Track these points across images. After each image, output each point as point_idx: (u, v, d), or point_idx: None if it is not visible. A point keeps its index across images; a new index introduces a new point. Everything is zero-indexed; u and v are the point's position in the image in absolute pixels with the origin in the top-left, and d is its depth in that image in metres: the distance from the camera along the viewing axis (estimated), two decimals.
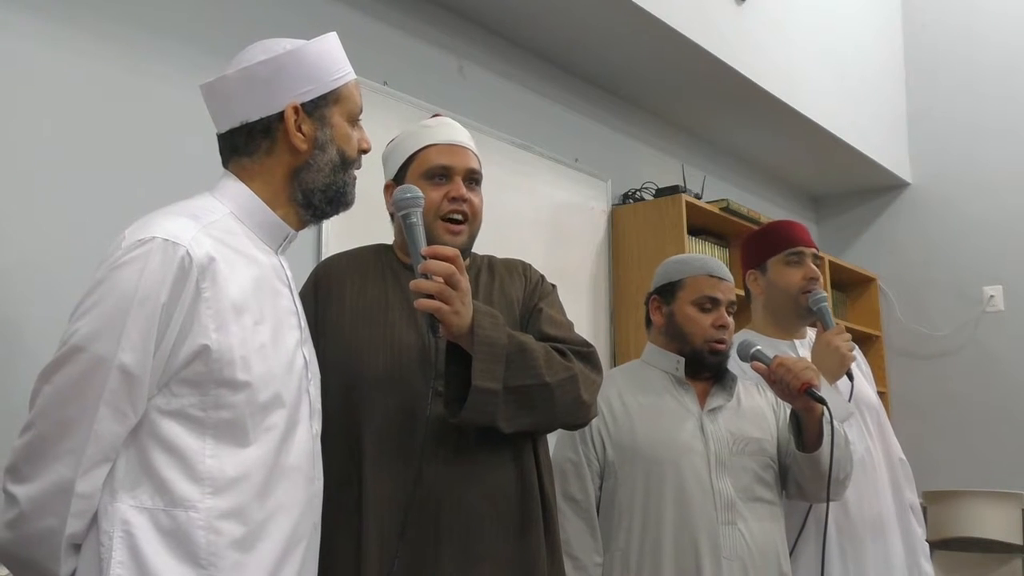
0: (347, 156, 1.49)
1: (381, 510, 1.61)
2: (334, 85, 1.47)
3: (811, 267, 2.36)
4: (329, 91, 1.46)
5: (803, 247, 2.38)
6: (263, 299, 1.40)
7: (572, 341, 1.74)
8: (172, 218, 1.34)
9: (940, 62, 5.14)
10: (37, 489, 1.26)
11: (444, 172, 1.76)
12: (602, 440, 2.07)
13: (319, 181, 1.46)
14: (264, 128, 1.43)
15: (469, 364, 1.57)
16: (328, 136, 1.46)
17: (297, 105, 1.43)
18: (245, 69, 1.43)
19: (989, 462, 4.67)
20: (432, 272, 1.51)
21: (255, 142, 1.44)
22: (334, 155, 1.46)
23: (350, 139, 1.49)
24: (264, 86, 1.42)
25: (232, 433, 1.31)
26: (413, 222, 1.58)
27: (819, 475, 2.02)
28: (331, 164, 1.46)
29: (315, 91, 1.44)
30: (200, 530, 1.27)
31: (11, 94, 2.05)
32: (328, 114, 1.46)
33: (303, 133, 1.43)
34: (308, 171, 1.45)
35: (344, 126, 1.48)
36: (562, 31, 3.39)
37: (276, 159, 1.44)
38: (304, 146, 1.44)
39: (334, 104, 1.47)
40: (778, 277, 2.38)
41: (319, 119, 1.45)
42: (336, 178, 1.47)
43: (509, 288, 1.82)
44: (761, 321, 2.42)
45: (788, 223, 2.50)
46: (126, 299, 1.26)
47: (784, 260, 2.38)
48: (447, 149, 1.78)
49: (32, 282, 1.99)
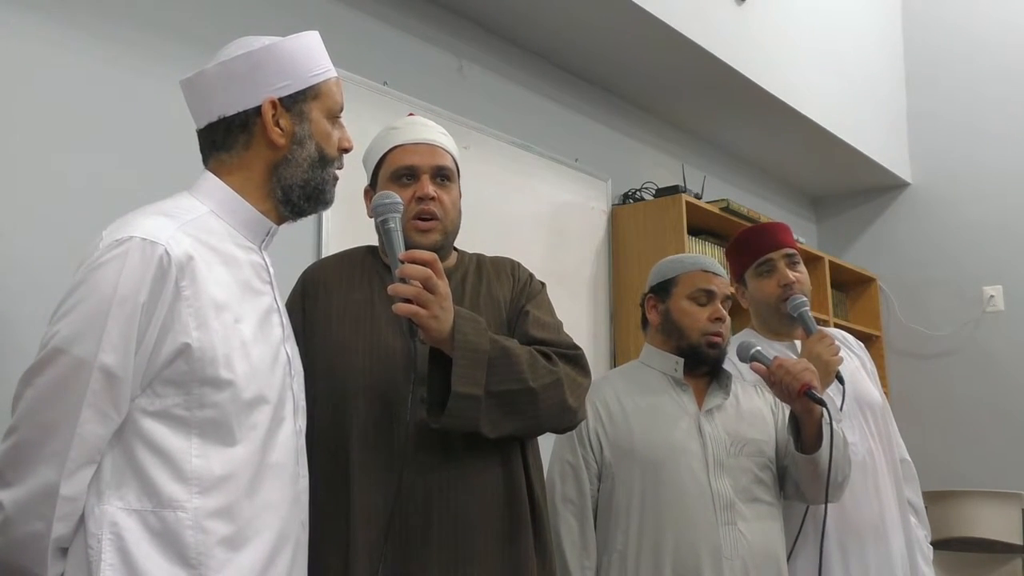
0: (326, 153, 1.48)
1: (368, 517, 1.60)
2: (313, 81, 1.46)
3: (784, 272, 2.30)
4: (307, 86, 1.46)
5: (770, 253, 2.32)
6: (244, 297, 1.39)
7: (559, 344, 1.72)
8: (150, 217, 1.34)
9: (940, 62, 5.14)
10: (22, 493, 1.25)
11: (410, 172, 1.75)
12: (600, 442, 2.07)
13: (298, 176, 1.46)
14: (242, 123, 1.43)
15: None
16: (306, 131, 1.46)
17: (275, 99, 1.43)
18: (223, 64, 1.44)
19: (989, 462, 4.67)
20: (409, 276, 1.50)
21: (233, 136, 1.44)
22: (312, 151, 1.46)
23: (329, 136, 1.49)
24: (241, 81, 1.42)
25: (217, 432, 1.31)
26: (391, 228, 1.57)
27: (817, 476, 2.01)
28: (309, 159, 1.46)
29: (293, 86, 1.44)
30: (188, 530, 1.27)
31: (11, 94, 2.05)
32: (306, 109, 1.46)
33: (281, 128, 1.43)
34: (287, 166, 1.45)
35: (323, 123, 1.48)
36: (562, 31, 3.39)
37: (254, 153, 1.44)
38: (282, 140, 1.44)
39: (313, 100, 1.46)
40: (755, 290, 2.36)
41: (297, 114, 1.45)
42: (314, 174, 1.47)
43: (496, 289, 1.80)
44: (758, 327, 2.41)
45: (755, 230, 2.45)
46: (105, 300, 1.26)
47: (755, 273, 2.35)
48: (412, 149, 1.76)
49: (30, 282, 1.99)
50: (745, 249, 2.39)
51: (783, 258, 2.33)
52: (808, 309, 2.28)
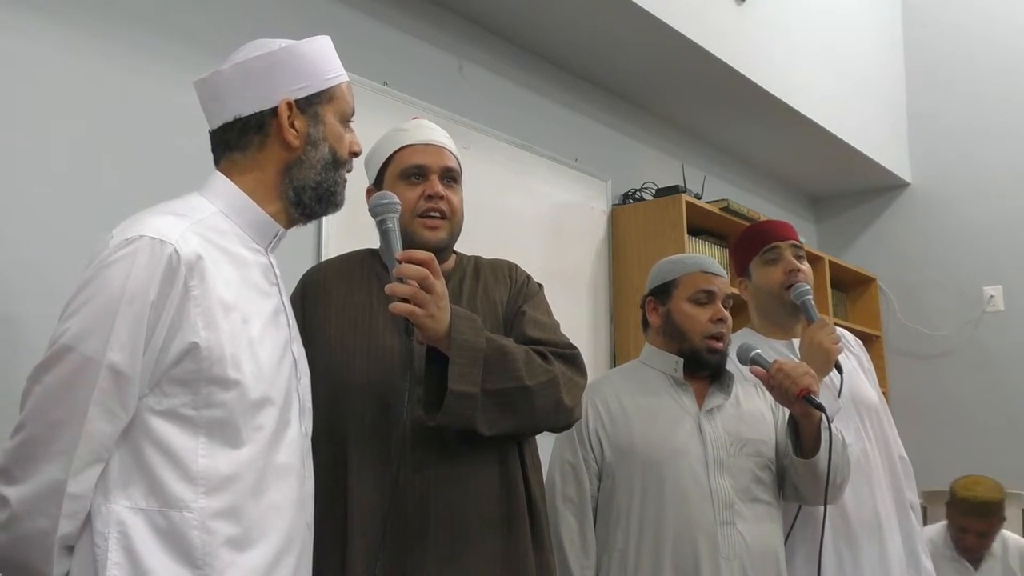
0: (339, 155, 1.49)
1: (365, 514, 1.61)
2: (328, 84, 1.48)
3: (790, 260, 2.33)
4: (323, 89, 1.47)
5: (778, 241, 2.36)
6: (251, 297, 1.40)
7: (555, 343, 1.73)
8: (159, 216, 1.34)
9: (940, 62, 5.14)
10: (28, 490, 1.25)
11: (419, 171, 1.77)
12: (600, 441, 2.07)
13: (310, 178, 1.47)
14: (257, 123, 1.44)
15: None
16: (321, 134, 1.46)
17: (291, 101, 1.43)
18: (239, 64, 1.44)
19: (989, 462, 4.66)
20: (406, 276, 1.51)
21: (247, 137, 1.44)
22: (326, 153, 1.47)
23: (342, 139, 1.50)
24: (258, 81, 1.43)
25: (224, 432, 1.31)
26: (388, 228, 1.58)
27: (816, 480, 2.02)
28: (323, 161, 1.47)
29: (309, 88, 1.45)
30: (194, 530, 1.27)
31: (11, 94, 2.05)
32: (321, 112, 1.47)
33: (296, 129, 1.44)
34: (300, 167, 1.46)
35: (337, 125, 1.49)
36: (562, 31, 3.39)
37: (268, 154, 1.45)
38: (297, 142, 1.44)
39: (327, 103, 1.47)
40: (760, 278, 2.37)
41: (312, 116, 1.46)
42: (327, 176, 1.48)
43: (493, 291, 1.82)
44: (757, 323, 2.42)
45: (762, 223, 2.49)
46: (114, 298, 1.26)
47: (762, 260, 2.37)
48: (422, 149, 1.79)
49: (31, 282, 1.99)
50: (753, 239, 2.41)
51: (790, 248, 2.36)
52: (811, 297, 2.30)
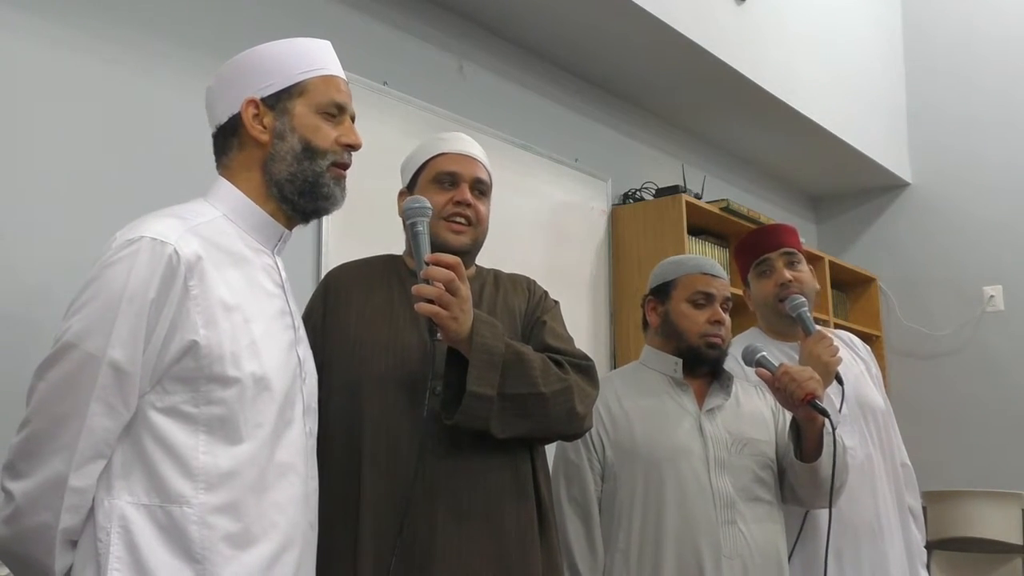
0: (313, 144, 1.48)
1: (378, 508, 1.64)
2: (298, 79, 1.49)
3: (781, 272, 2.31)
4: (292, 84, 1.48)
5: (768, 253, 2.34)
6: (255, 298, 1.42)
7: (571, 354, 1.79)
8: (161, 219, 1.38)
9: (940, 61, 5.14)
10: (32, 484, 1.28)
11: (451, 178, 1.83)
12: (602, 442, 2.08)
13: (284, 170, 1.48)
14: (232, 127, 1.48)
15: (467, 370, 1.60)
16: (287, 125, 1.47)
17: (256, 99, 1.46)
18: (218, 74, 1.51)
19: (989, 462, 4.67)
20: (433, 278, 1.56)
21: (228, 141, 1.49)
22: (295, 143, 1.47)
23: (317, 129, 1.49)
24: (229, 87, 1.48)
25: (224, 429, 1.33)
26: (419, 231, 1.63)
27: (816, 483, 2.02)
28: (292, 152, 1.47)
29: (275, 85, 1.47)
30: (194, 525, 1.29)
31: (11, 94, 2.05)
32: (290, 106, 1.48)
33: (263, 125, 1.47)
34: (273, 162, 1.48)
35: (309, 116, 1.49)
36: (562, 31, 3.39)
37: (248, 155, 1.48)
38: (264, 137, 1.47)
39: (298, 96, 1.48)
40: (755, 290, 2.38)
41: (280, 111, 1.48)
42: (301, 167, 1.48)
43: (512, 300, 1.87)
44: (763, 327, 2.42)
45: (758, 231, 2.46)
46: (115, 296, 1.29)
47: (755, 273, 2.37)
48: (457, 158, 1.85)
49: (33, 281, 1.99)
50: (746, 251, 2.41)
51: (781, 257, 2.34)
52: (807, 309, 2.27)
